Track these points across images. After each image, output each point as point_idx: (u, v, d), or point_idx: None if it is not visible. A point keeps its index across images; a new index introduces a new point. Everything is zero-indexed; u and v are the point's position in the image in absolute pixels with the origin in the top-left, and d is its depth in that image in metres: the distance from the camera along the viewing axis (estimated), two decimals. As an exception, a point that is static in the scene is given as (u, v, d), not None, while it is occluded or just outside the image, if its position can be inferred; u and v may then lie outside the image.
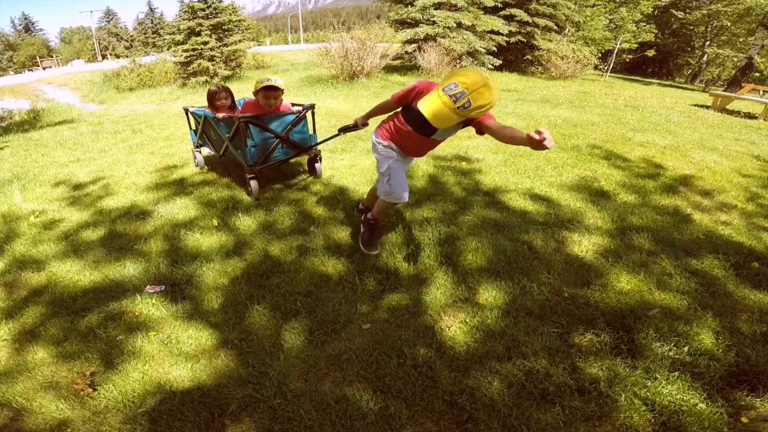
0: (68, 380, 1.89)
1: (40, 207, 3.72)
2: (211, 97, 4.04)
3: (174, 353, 2.03)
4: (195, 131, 4.40)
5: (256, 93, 3.55)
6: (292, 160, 4.34)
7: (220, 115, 3.78)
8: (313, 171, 4.18)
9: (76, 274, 2.68)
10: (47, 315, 2.31)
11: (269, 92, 3.53)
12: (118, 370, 1.94)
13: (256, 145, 3.52)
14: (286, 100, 3.91)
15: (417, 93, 2.19)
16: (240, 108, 3.90)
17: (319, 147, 3.97)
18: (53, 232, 3.25)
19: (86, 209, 3.64)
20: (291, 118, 3.67)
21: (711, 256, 2.76)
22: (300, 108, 3.75)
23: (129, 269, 2.67)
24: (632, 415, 1.66)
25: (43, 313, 2.33)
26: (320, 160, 4.12)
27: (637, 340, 2.02)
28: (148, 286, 2.49)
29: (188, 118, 4.47)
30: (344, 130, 2.88)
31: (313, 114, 3.91)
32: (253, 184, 3.59)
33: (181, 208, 3.54)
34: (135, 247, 2.97)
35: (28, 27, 67.40)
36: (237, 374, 1.89)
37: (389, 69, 14.80)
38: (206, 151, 4.46)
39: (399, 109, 2.44)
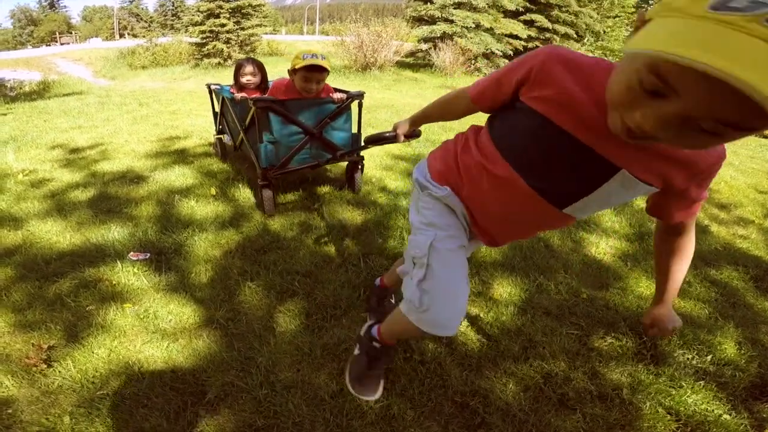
0: (21, 353, 1.66)
1: (32, 167, 3.52)
2: (236, 72, 3.28)
3: (149, 329, 1.80)
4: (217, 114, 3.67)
5: (293, 72, 2.59)
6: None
7: (238, 95, 3.00)
8: (351, 182, 3.18)
9: (55, 235, 2.47)
10: (14, 278, 2.09)
11: (311, 73, 2.53)
12: (82, 344, 1.71)
13: (275, 142, 2.59)
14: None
15: (535, 80, 0.89)
16: (273, 85, 2.91)
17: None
18: (40, 190, 3.06)
19: (79, 171, 3.45)
20: (329, 108, 2.69)
21: (730, 268, 2.67)
22: (342, 95, 2.74)
23: (114, 233, 2.46)
24: (656, 424, 1.55)
25: (10, 276, 2.11)
26: (362, 168, 3.14)
27: (660, 346, 1.90)
28: (132, 253, 2.28)
29: (211, 99, 3.67)
30: (375, 141, 1.54)
31: (360, 106, 2.92)
32: (266, 193, 2.66)
33: (179, 176, 3.35)
34: (124, 210, 2.77)
35: (53, 3, 67.66)
36: (219, 358, 1.67)
37: (402, 65, 14.70)
38: (227, 138, 3.59)
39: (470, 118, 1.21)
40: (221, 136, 3.66)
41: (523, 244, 2.61)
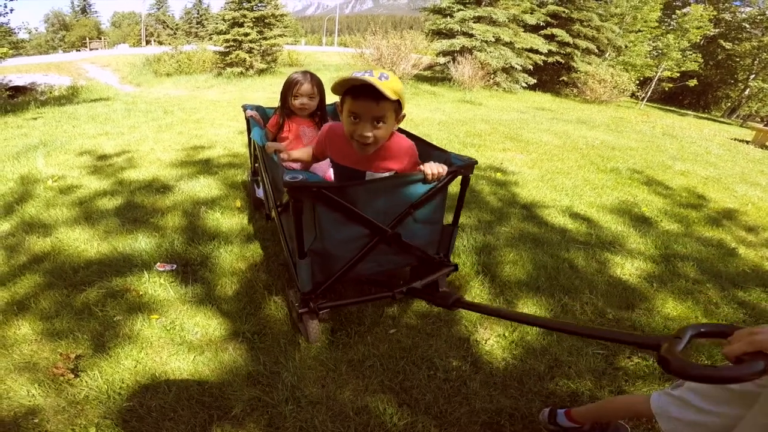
0: (48, 362, 1.67)
1: (61, 173, 3.61)
2: (287, 89, 2.36)
3: (176, 341, 1.82)
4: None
5: (340, 106, 1.51)
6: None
7: (271, 146, 1.96)
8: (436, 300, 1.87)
9: (83, 243, 2.51)
10: (42, 286, 2.13)
11: (363, 103, 1.41)
12: (109, 355, 1.72)
13: (325, 254, 1.61)
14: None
15: None
16: (323, 130, 1.80)
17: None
18: (68, 197, 3.12)
19: (107, 178, 3.52)
20: (417, 190, 1.57)
21: (759, 290, 2.62)
22: (439, 169, 1.52)
23: (141, 243, 2.50)
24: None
25: (38, 283, 2.15)
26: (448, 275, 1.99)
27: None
28: (159, 264, 2.31)
29: (247, 126, 2.62)
30: (702, 332, 0.76)
31: (466, 182, 1.75)
32: (311, 326, 1.76)
33: (204, 187, 3.39)
34: (151, 220, 2.81)
35: (84, 9, 69.48)
36: (245, 372, 1.67)
37: (420, 78, 14.73)
38: (260, 192, 2.62)
39: None
40: (257, 179, 2.77)
41: (547, 264, 2.58)
